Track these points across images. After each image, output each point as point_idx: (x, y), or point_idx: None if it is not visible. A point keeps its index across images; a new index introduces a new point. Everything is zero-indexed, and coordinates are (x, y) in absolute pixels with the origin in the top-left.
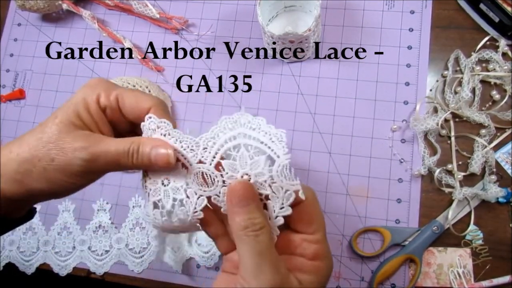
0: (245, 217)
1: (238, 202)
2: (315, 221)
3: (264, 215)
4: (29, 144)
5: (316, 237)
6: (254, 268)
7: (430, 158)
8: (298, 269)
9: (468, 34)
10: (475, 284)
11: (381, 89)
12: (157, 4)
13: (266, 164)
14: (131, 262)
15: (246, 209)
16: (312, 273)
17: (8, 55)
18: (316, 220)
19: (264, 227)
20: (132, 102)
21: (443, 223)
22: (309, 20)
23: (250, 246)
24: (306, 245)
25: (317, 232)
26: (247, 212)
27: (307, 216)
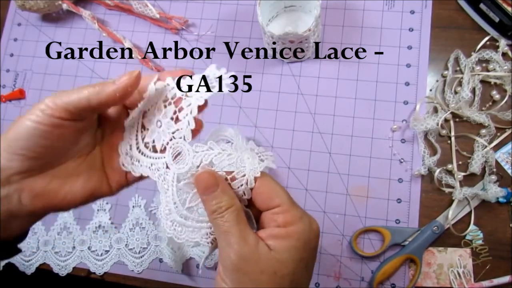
0: (212, 202)
1: (204, 190)
2: (275, 195)
3: (230, 195)
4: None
5: (282, 208)
6: (224, 246)
7: (430, 158)
8: (272, 237)
9: (468, 34)
10: (475, 284)
11: (381, 89)
12: (157, 4)
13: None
14: (131, 262)
15: (212, 196)
16: (284, 238)
17: (8, 55)
18: (276, 194)
19: (231, 207)
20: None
21: (443, 223)
22: (309, 20)
23: (219, 227)
24: (276, 216)
25: (282, 203)
26: (213, 198)
27: (266, 194)
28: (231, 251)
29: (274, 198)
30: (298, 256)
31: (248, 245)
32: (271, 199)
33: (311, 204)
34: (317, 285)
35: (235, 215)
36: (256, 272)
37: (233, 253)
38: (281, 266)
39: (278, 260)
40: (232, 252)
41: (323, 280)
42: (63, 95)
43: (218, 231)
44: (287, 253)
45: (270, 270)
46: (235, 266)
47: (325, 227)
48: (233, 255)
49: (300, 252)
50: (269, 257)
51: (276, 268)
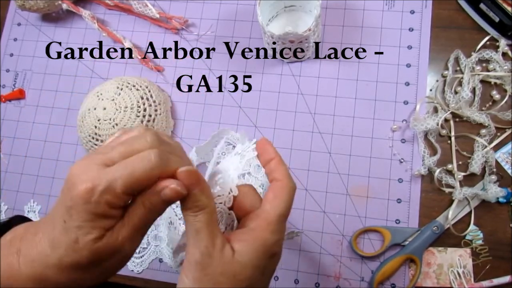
0: (189, 200)
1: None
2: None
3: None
4: None
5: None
6: (191, 243)
7: (430, 158)
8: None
9: (468, 34)
10: (475, 284)
11: (381, 89)
12: (157, 4)
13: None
14: (131, 262)
15: (190, 194)
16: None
17: (8, 55)
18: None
19: (205, 208)
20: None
21: (443, 223)
22: (309, 20)
23: (190, 224)
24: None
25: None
26: (190, 196)
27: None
28: (197, 250)
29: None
30: (257, 262)
31: (214, 247)
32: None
33: (311, 204)
34: (317, 285)
35: (208, 216)
36: (217, 273)
37: (198, 252)
38: (241, 270)
39: (239, 264)
40: (198, 251)
41: (323, 280)
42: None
43: (188, 228)
44: (247, 257)
45: (230, 273)
46: (198, 265)
47: (325, 227)
48: (198, 254)
49: (260, 259)
50: (231, 261)
51: (236, 272)
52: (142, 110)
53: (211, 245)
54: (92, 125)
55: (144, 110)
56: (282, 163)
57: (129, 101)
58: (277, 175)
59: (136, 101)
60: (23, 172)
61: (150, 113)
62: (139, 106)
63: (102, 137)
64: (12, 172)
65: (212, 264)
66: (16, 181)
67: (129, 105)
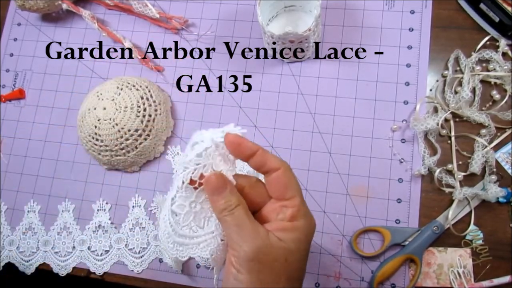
0: (222, 201)
1: (214, 191)
2: (290, 188)
3: (237, 195)
4: None
5: (292, 202)
6: (237, 239)
7: (430, 158)
8: (280, 229)
9: (468, 34)
10: (475, 284)
11: (381, 89)
12: (157, 4)
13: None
14: (131, 262)
15: (222, 196)
16: (291, 231)
17: (8, 55)
18: (291, 187)
19: (239, 205)
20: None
21: (443, 223)
22: (309, 20)
23: (229, 223)
24: (285, 209)
25: (293, 197)
26: (223, 197)
27: (282, 185)
28: (244, 243)
29: (289, 189)
30: (302, 246)
31: (260, 237)
32: (286, 189)
33: (311, 204)
34: (317, 285)
35: (244, 211)
36: (270, 260)
37: (246, 245)
38: (290, 254)
39: (286, 249)
40: (245, 244)
41: (323, 280)
42: None
43: (228, 227)
44: (294, 244)
45: (282, 258)
46: (249, 257)
47: (325, 227)
48: (247, 247)
49: (303, 243)
50: (279, 246)
51: (286, 256)
52: (142, 110)
53: (256, 235)
54: (92, 125)
55: (144, 110)
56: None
57: (129, 101)
58: (272, 164)
59: (136, 101)
60: (23, 172)
61: (150, 113)
62: (139, 106)
63: (102, 137)
64: (12, 172)
65: (263, 253)
66: (16, 181)
67: (129, 105)
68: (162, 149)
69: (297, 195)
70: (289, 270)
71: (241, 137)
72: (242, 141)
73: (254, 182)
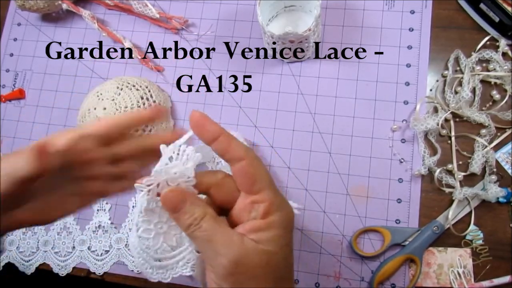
0: (185, 217)
1: (174, 208)
2: (257, 180)
3: (200, 205)
4: None
5: (262, 196)
6: (211, 254)
7: (430, 158)
8: (254, 230)
9: (468, 34)
10: (475, 284)
11: (381, 89)
12: (157, 4)
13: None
14: (131, 262)
15: (183, 211)
16: (266, 230)
17: (8, 55)
18: (259, 179)
19: (204, 216)
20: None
21: (443, 223)
22: (309, 20)
23: (199, 238)
24: (256, 206)
25: (262, 190)
26: (185, 212)
27: (247, 177)
28: (220, 258)
29: (257, 182)
30: (283, 242)
31: (235, 246)
32: (253, 182)
33: (311, 204)
34: (317, 285)
35: (212, 221)
36: (251, 267)
37: (223, 259)
38: (271, 255)
39: (266, 252)
40: (222, 259)
41: (323, 280)
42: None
43: (199, 243)
44: (273, 243)
45: (263, 262)
46: (228, 271)
47: (325, 227)
48: (224, 261)
49: (283, 238)
50: (257, 251)
51: (268, 259)
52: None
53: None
54: None
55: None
56: (231, 136)
57: (129, 101)
58: (235, 153)
59: (136, 101)
60: None
61: None
62: (139, 106)
63: None
64: None
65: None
66: None
67: (129, 105)
68: None
69: (267, 187)
70: (275, 271)
71: (206, 117)
72: (205, 122)
73: (221, 178)
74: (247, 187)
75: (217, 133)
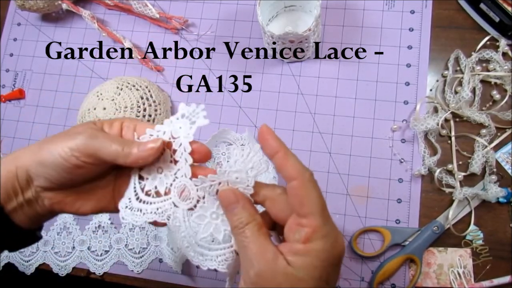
0: (233, 218)
1: (226, 207)
2: (306, 204)
3: (250, 211)
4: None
5: (309, 220)
6: (243, 260)
7: (430, 158)
8: (292, 252)
9: (468, 34)
10: (475, 284)
11: (381, 89)
12: (157, 4)
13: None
14: (131, 262)
15: (234, 212)
16: (302, 255)
17: (8, 55)
18: (307, 203)
19: (249, 223)
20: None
21: (443, 223)
22: (309, 20)
23: (240, 242)
24: (300, 229)
25: (309, 215)
26: (234, 214)
27: (297, 198)
28: (249, 266)
29: (305, 205)
30: (317, 274)
31: (265, 260)
32: (301, 205)
33: None
34: None
35: (255, 230)
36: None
37: (251, 269)
38: (298, 282)
39: (295, 277)
40: (250, 267)
41: None
42: (94, 142)
43: (239, 246)
44: (304, 271)
45: (287, 285)
46: (253, 281)
47: None
48: (251, 271)
49: (319, 270)
50: (286, 272)
51: (293, 284)
52: (142, 110)
53: (261, 259)
54: None
55: (144, 110)
56: (289, 154)
57: (129, 101)
58: (289, 172)
59: (136, 101)
60: None
61: (150, 113)
62: (139, 106)
63: None
64: None
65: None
66: None
67: (129, 105)
68: None
69: (316, 213)
70: None
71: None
72: (268, 137)
73: (278, 194)
74: (295, 208)
75: (275, 149)
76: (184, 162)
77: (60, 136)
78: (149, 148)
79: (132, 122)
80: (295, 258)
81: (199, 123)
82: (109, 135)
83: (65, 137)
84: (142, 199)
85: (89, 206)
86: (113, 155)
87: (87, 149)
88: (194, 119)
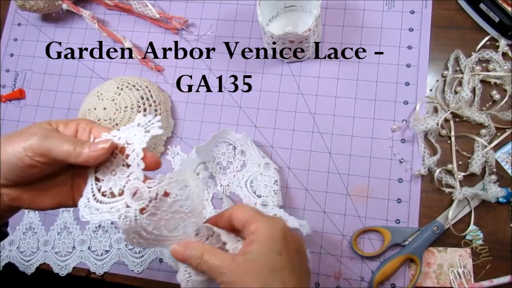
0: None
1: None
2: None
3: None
4: None
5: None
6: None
7: (430, 158)
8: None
9: (468, 34)
10: (475, 284)
11: (381, 89)
12: (157, 4)
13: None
14: (131, 262)
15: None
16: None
17: (8, 55)
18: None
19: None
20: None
21: (443, 223)
22: (309, 20)
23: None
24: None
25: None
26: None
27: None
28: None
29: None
30: (268, 249)
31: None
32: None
33: (311, 204)
34: (317, 285)
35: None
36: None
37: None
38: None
39: (252, 260)
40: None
41: (323, 280)
42: (47, 142)
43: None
44: (257, 253)
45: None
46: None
47: (325, 227)
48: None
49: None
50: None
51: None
52: (142, 110)
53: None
54: None
55: (144, 110)
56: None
57: (129, 101)
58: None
59: (136, 101)
60: None
61: (150, 113)
62: (139, 106)
63: None
64: None
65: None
66: None
67: (129, 105)
68: (162, 149)
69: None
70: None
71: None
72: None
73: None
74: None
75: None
76: (137, 166)
77: (16, 135)
78: (100, 148)
79: (88, 124)
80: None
81: (153, 132)
82: (62, 135)
83: (20, 137)
84: (98, 199)
85: (47, 202)
86: (64, 155)
87: (40, 149)
88: (149, 128)
